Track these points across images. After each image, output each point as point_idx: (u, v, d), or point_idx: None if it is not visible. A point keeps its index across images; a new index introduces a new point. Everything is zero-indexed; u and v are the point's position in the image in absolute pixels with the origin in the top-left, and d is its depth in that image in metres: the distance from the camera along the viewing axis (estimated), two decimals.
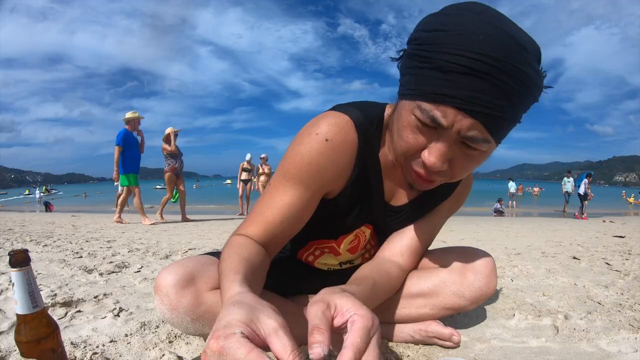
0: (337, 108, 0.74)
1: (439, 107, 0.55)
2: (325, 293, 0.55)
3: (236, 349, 0.37)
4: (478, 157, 0.62)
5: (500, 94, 0.53)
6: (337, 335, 0.51)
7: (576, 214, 9.44)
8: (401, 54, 0.65)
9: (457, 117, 0.55)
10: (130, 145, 4.92)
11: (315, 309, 0.50)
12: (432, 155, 0.59)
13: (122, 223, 4.81)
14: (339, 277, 0.88)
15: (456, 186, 0.88)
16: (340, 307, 0.51)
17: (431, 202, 0.88)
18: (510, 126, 0.60)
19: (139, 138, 5.09)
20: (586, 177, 10.18)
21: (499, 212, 11.32)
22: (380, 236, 0.91)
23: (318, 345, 0.44)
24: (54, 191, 40.63)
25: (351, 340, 0.46)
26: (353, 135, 0.72)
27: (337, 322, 0.50)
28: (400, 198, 0.85)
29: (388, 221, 0.87)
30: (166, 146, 5.48)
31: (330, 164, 0.70)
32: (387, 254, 0.87)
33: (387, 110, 0.77)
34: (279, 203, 0.72)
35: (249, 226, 0.73)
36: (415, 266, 0.92)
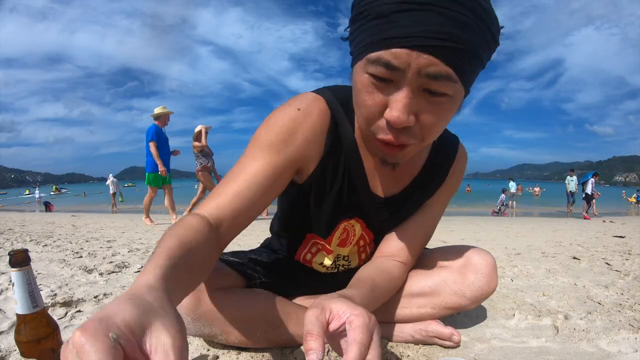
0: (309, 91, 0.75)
1: (389, 51, 0.51)
2: (322, 299, 0.55)
3: (96, 358, 0.28)
4: (446, 105, 0.56)
5: (449, 22, 0.49)
6: (336, 339, 0.51)
7: (585, 214, 9.18)
8: (348, 28, 0.62)
9: (412, 56, 0.51)
10: (160, 142, 4.64)
11: (309, 314, 0.50)
12: (393, 109, 0.54)
13: (151, 224, 4.58)
14: (337, 281, 0.86)
15: (449, 168, 0.85)
16: (335, 310, 0.51)
17: (426, 190, 0.84)
18: (472, 62, 0.54)
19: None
20: (592, 177, 10.05)
21: (504, 205, 11.27)
22: (376, 233, 0.89)
23: (313, 352, 0.44)
24: (64, 190, 40.96)
25: (354, 336, 0.46)
26: (324, 107, 0.72)
27: (334, 325, 0.50)
28: (389, 188, 0.82)
29: (380, 215, 0.83)
30: (197, 144, 5.27)
31: (301, 129, 0.69)
32: (387, 253, 0.86)
33: None
34: (245, 170, 0.66)
35: (210, 202, 0.65)
36: (415, 262, 0.90)
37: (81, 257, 2.03)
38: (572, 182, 10.86)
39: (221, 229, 0.63)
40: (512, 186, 15.01)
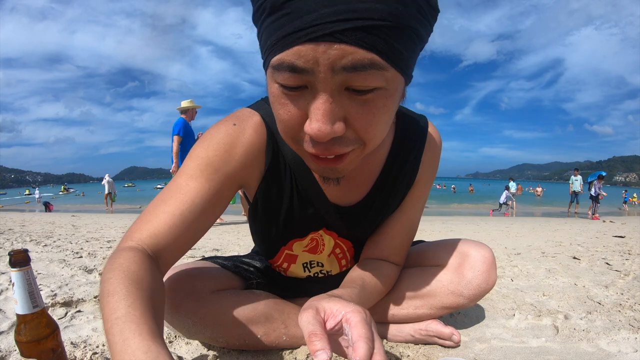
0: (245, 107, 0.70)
1: (291, 50, 0.41)
2: (312, 300, 0.55)
3: None
4: (380, 101, 0.45)
5: None
6: (333, 337, 0.52)
7: (596, 215, 9.03)
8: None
9: (318, 51, 0.40)
10: (188, 137, 4.45)
11: (305, 315, 0.50)
12: (313, 120, 0.44)
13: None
14: (326, 285, 0.82)
15: (419, 158, 0.76)
16: (329, 309, 0.52)
17: (395, 189, 0.77)
18: (402, 38, 0.42)
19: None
20: (597, 179, 9.94)
21: (505, 204, 11.21)
22: (353, 240, 0.85)
23: (322, 351, 0.44)
24: (72, 190, 41.17)
25: (358, 332, 0.47)
26: (259, 121, 0.66)
27: (330, 324, 0.50)
28: (350, 196, 0.75)
29: (348, 224, 0.78)
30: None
31: (239, 145, 0.64)
32: (373, 255, 0.83)
33: None
34: (182, 190, 0.60)
35: (142, 229, 0.57)
36: (405, 259, 0.88)
37: (81, 257, 2.03)
38: (576, 182, 10.55)
39: (161, 260, 0.57)
40: (512, 186, 15.02)
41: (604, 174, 10.32)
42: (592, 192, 9.71)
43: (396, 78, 0.45)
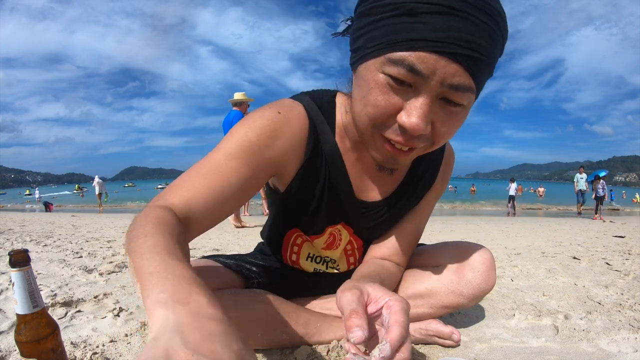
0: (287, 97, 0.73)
1: (416, 53, 0.48)
2: (355, 282, 0.57)
3: None
4: (460, 115, 0.55)
5: (478, 31, 0.47)
6: (370, 322, 0.53)
7: (600, 215, 8.85)
8: (349, 22, 0.60)
9: (440, 63, 0.48)
10: None
11: (349, 295, 0.51)
12: (412, 115, 0.51)
13: (243, 226, 4.28)
14: (330, 284, 0.85)
15: (437, 170, 0.83)
16: (373, 294, 0.53)
17: (414, 193, 0.82)
18: (488, 73, 0.54)
19: None
20: (595, 178, 9.75)
21: (513, 204, 11.12)
22: (365, 239, 0.88)
23: (358, 328, 0.46)
24: (85, 189, 41.38)
25: (396, 319, 0.49)
26: (303, 112, 0.69)
27: (371, 309, 0.52)
28: (376, 194, 0.79)
29: (367, 221, 0.81)
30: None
31: (281, 133, 0.65)
32: (378, 255, 0.86)
33: (338, 98, 0.74)
34: (221, 168, 0.60)
35: (177, 195, 0.57)
36: (408, 261, 0.91)
37: (81, 257, 2.03)
38: (581, 180, 10.14)
39: (189, 229, 0.57)
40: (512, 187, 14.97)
41: (600, 174, 10.01)
42: (601, 191, 9.50)
43: (473, 99, 0.55)
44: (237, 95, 4.43)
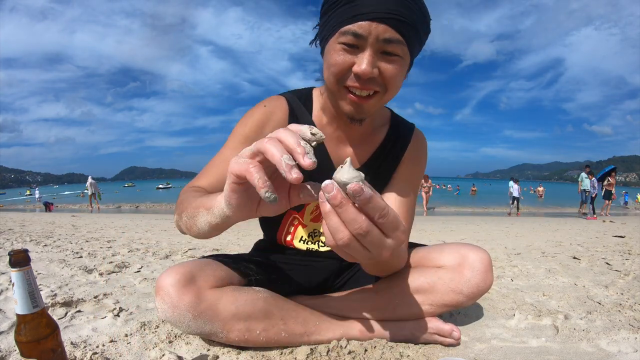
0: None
1: (356, 24, 0.70)
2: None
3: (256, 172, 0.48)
4: (399, 63, 0.74)
5: (397, 3, 0.69)
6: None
7: (595, 215, 8.69)
8: (316, 28, 0.81)
9: (372, 26, 0.69)
10: None
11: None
12: (362, 64, 0.71)
13: None
14: (325, 270, 1.00)
15: (406, 145, 0.97)
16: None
17: (387, 161, 0.95)
18: (414, 35, 0.73)
19: None
20: (610, 176, 9.48)
21: (515, 203, 10.96)
22: None
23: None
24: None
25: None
26: (284, 102, 0.91)
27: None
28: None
29: None
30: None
31: (269, 121, 0.87)
32: None
33: (315, 90, 0.96)
34: (227, 158, 0.81)
35: (200, 179, 0.83)
36: (407, 236, 0.94)
37: (81, 257, 2.03)
38: (586, 180, 9.69)
39: None
40: (513, 186, 14.94)
41: (598, 174, 9.83)
42: (592, 190, 9.37)
43: (407, 53, 0.75)
44: None
